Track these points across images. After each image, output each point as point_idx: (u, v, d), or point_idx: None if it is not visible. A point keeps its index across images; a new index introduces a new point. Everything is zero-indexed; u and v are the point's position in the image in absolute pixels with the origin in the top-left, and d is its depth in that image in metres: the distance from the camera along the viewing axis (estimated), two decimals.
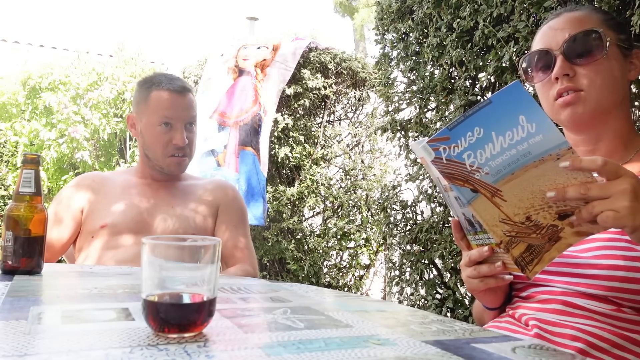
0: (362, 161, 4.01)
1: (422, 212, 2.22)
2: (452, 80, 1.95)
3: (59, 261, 1.51)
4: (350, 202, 3.83)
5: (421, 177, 2.13)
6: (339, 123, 4.11)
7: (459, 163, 0.68)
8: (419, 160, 2.15)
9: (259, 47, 3.83)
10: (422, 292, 2.12)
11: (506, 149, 0.67)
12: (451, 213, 2.20)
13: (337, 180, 3.98)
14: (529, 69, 0.98)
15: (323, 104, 3.90)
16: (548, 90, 0.93)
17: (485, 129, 0.67)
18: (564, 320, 0.80)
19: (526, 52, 1.36)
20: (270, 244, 3.52)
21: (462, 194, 0.70)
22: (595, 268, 0.79)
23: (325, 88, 3.75)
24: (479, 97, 1.88)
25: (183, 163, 1.49)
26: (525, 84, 0.94)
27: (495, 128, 0.67)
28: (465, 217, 0.79)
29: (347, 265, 3.87)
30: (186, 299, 0.55)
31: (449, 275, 2.01)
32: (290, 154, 3.66)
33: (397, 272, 2.29)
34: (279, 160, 3.65)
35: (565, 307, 0.82)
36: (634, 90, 1.48)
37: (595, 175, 0.68)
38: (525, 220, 0.70)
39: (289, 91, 3.63)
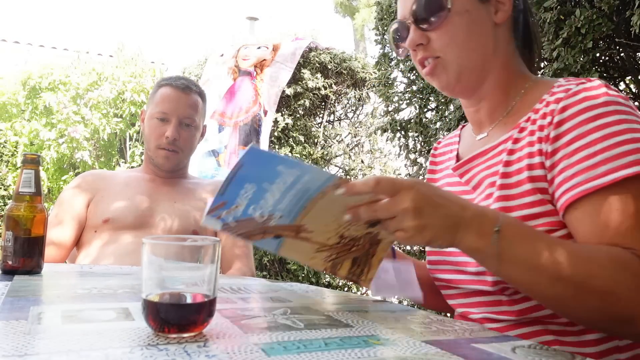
0: (362, 161, 4.01)
1: None
2: None
3: None
4: None
5: (421, 177, 2.13)
6: (339, 123, 4.10)
7: (248, 219, 0.66)
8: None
9: (258, 47, 3.83)
10: None
11: (286, 192, 0.65)
12: None
13: None
14: (394, 42, 0.92)
15: (323, 104, 3.90)
16: (415, 59, 0.87)
17: (256, 183, 0.64)
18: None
19: None
20: None
21: (268, 245, 0.69)
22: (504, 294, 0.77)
23: (325, 88, 3.74)
24: None
25: (171, 158, 1.49)
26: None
27: (263, 180, 0.64)
28: None
29: None
30: (186, 299, 0.55)
31: None
32: (290, 154, 3.66)
33: None
34: None
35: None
36: (633, 90, 1.48)
37: None
38: (340, 240, 0.70)
39: (289, 91, 3.63)
